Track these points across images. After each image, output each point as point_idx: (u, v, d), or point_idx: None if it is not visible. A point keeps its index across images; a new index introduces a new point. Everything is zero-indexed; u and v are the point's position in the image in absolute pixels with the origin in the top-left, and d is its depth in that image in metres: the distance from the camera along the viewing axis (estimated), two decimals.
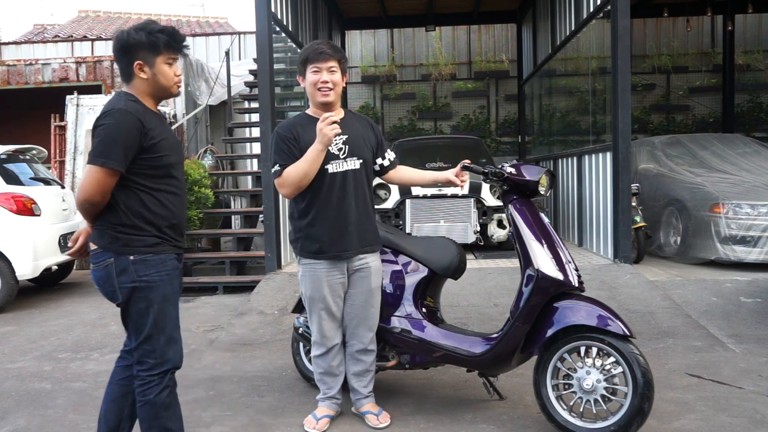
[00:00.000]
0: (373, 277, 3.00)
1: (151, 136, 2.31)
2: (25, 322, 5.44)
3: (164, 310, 2.37)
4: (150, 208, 2.34)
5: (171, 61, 2.39)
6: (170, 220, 2.39)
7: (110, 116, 2.26)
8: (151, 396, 2.36)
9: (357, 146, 2.95)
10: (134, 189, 2.32)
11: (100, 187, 2.24)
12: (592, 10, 6.75)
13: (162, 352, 2.37)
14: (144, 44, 2.33)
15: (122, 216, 2.32)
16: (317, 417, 3.02)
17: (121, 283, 2.32)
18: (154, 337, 2.36)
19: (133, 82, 2.39)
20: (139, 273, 2.32)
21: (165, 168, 2.37)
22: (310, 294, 2.97)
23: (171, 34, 2.37)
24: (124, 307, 2.38)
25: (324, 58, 2.87)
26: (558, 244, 2.86)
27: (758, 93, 11.70)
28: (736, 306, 4.83)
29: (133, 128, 2.26)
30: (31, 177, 6.58)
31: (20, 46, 12.12)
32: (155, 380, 2.37)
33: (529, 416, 3.07)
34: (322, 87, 2.88)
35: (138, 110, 2.31)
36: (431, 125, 12.48)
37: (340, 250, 2.90)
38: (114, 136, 2.24)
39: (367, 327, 3.04)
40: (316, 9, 8.93)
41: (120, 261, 2.32)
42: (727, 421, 2.98)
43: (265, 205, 6.03)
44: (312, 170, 2.82)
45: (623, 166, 5.68)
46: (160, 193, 2.36)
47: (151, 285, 2.33)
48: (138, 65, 2.35)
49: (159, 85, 2.39)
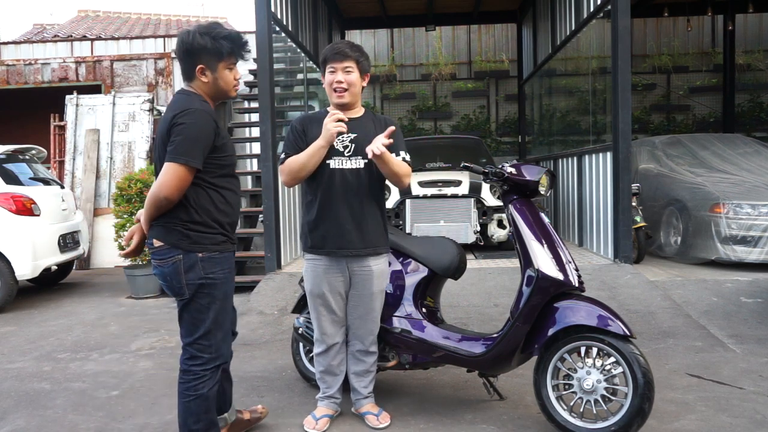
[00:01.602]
0: (375, 280, 2.97)
1: (221, 135, 2.43)
2: (24, 322, 5.44)
3: (224, 307, 2.48)
4: (218, 206, 2.45)
5: (232, 66, 2.48)
6: (232, 217, 2.52)
7: (189, 115, 2.33)
8: (204, 390, 2.44)
9: (364, 146, 2.92)
10: (204, 187, 2.42)
11: (181, 184, 2.32)
12: (592, 9, 6.74)
13: (218, 347, 2.47)
14: (208, 49, 2.40)
15: (193, 213, 2.40)
16: (316, 417, 3.02)
17: (188, 279, 2.40)
18: (213, 332, 2.45)
19: (196, 84, 2.48)
20: (206, 270, 2.40)
21: (229, 167, 2.50)
22: (310, 289, 3.00)
23: (235, 40, 2.45)
24: (186, 302, 2.44)
25: (339, 58, 2.87)
26: (558, 244, 2.86)
27: (758, 93, 11.70)
28: (737, 306, 4.82)
29: (209, 128, 2.37)
30: (30, 177, 6.57)
31: (20, 46, 12.10)
32: (208, 375, 2.45)
33: (529, 416, 3.06)
34: (336, 87, 2.89)
35: (210, 111, 2.43)
36: (431, 125, 12.48)
37: (336, 247, 2.90)
38: (196, 135, 2.32)
39: (368, 330, 3.03)
40: (316, 9, 8.93)
41: (189, 258, 2.39)
42: (728, 421, 2.97)
43: (265, 205, 6.02)
44: (310, 163, 2.84)
45: (623, 166, 5.68)
46: (225, 191, 2.48)
47: (216, 282, 2.43)
48: (200, 69, 2.43)
49: (219, 89, 2.49)
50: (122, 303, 6.04)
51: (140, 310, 5.73)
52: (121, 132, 8.80)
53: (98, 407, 3.40)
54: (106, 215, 8.30)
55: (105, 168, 8.70)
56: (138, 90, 9.39)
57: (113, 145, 8.72)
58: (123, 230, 6.36)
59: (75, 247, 6.73)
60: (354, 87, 2.91)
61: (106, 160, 8.72)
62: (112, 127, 8.82)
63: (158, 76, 9.42)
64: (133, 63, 9.53)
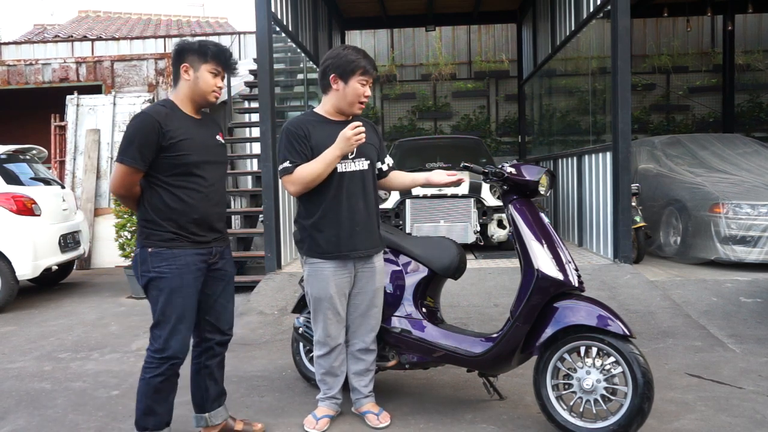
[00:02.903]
0: (378, 276, 3.02)
1: (170, 136, 2.54)
2: (25, 322, 5.44)
3: (171, 301, 2.58)
4: (170, 205, 2.58)
5: (215, 71, 2.65)
6: (191, 215, 2.61)
7: (134, 118, 2.57)
8: (147, 375, 2.60)
9: (365, 148, 2.95)
10: (155, 186, 2.59)
11: (121, 181, 2.56)
12: (592, 10, 6.75)
13: (165, 339, 2.58)
14: (194, 50, 2.63)
15: (144, 212, 2.62)
16: (317, 417, 3.02)
17: (142, 272, 2.61)
18: (161, 324, 2.59)
19: (179, 86, 2.67)
20: (153, 264, 2.58)
21: (185, 166, 2.58)
22: (316, 294, 2.95)
23: (222, 49, 2.67)
24: (145, 293, 2.65)
25: (372, 74, 2.93)
26: (558, 244, 2.86)
27: (758, 93, 11.70)
28: (736, 306, 4.83)
29: (148, 128, 2.52)
30: (31, 177, 6.58)
31: (20, 46, 12.12)
32: (155, 363, 2.60)
33: (529, 416, 3.07)
34: (364, 101, 2.95)
35: (160, 113, 2.56)
36: (431, 125, 12.48)
37: (348, 249, 2.90)
38: (131, 136, 2.53)
39: (370, 327, 3.04)
40: (316, 9, 8.93)
41: (142, 252, 2.61)
42: (727, 421, 2.98)
43: (265, 205, 6.03)
44: (326, 173, 2.84)
45: (623, 166, 5.68)
46: (180, 189, 2.59)
47: (163, 277, 2.57)
48: (184, 67, 2.63)
49: (198, 89, 2.64)
50: (122, 303, 6.05)
51: (140, 310, 5.74)
52: (121, 132, 8.74)
53: (99, 407, 3.41)
54: (106, 215, 8.31)
55: (105, 168, 8.70)
56: (138, 90, 9.40)
57: (114, 145, 8.71)
58: (123, 230, 6.36)
59: (75, 247, 6.74)
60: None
61: (106, 160, 8.72)
62: (112, 127, 8.83)
63: (158, 77, 9.42)
64: (134, 63, 9.53)
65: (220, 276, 2.78)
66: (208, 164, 2.67)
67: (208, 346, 2.82)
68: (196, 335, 2.80)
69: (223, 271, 2.79)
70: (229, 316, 2.86)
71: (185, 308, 2.60)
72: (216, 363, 2.86)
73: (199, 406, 2.88)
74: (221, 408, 2.91)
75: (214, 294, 2.77)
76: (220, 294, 2.79)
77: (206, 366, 2.83)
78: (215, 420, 2.88)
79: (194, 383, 2.87)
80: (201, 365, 2.84)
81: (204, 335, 2.80)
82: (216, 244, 2.73)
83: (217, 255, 2.75)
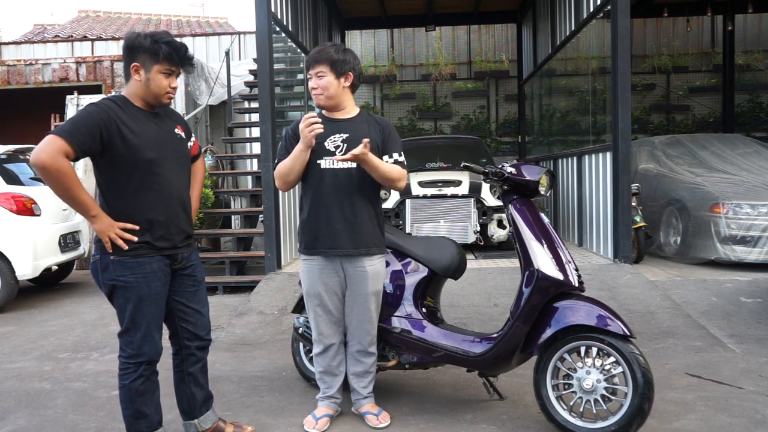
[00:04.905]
0: (370, 281, 2.95)
1: (118, 129, 2.41)
2: (25, 322, 5.44)
3: (140, 309, 2.50)
4: (129, 207, 2.47)
5: (168, 72, 2.50)
6: (153, 217, 2.49)
7: (81, 109, 2.46)
8: (127, 381, 2.55)
9: (356, 145, 2.92)
10: (114, 190, 2.49)
11: (45, 147, 2.31)
12: (592, 10, 6.74)
13: (138, 345, 2.53)
14: (145, 49, 2.46)
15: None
16: (317, 417, 3.02)
17: (104, 279, 2.51)
18: (132, 331, 2.52)
19: (130, 83, 2.53)
20: (117, 273, 2.47)
21: (142, 164, 2.46)
22: (306, 289, 3.02)
23: (176, 48, 2.48)
24: (109, 299, 2.56)
25: (310, 64, 2.93)
26: (558, 244, 2.86)
27: (758, 93, 11.70)
28: (737, 306, 4.83)
29: (96, 115, 2.39)
30: (31, 177, 6.58)
31: (20, 46, 12.11)
32: (131, 368, 2.54)
33: (529, 416, 3.06)
34: (312, 92, 2.96)
35: (110, 107, 2.44)
36: (431, 125, 12.48)
37: (327, 247, 2.91)
38: (76, 118, 2.39)
39: (365, 330, 3.02)
40: (316, 9, 8.93)
41: (103, 259, 2.50)
42: (727, 421, 2.98)
43: (265, 205, 6.03)
44: (295, 167, 2.87)
45: (623, 166, 5.69)
46: (139, 191, 2.48)
47: (128, 285, 2.48)
48: (134, 67, 2.49)
49: (150, 91, 2.51)
50: None
51: None
52: None
53: (99, 407, 3.41)
54: None
55: None
56: None
57: None
58: None
59: (75, 247, 6.74)
60: (328, 90, 2.90)
61: None
62: None
63: None
64: None
65: (191, 283, 2.69)
66: (167, 160, 2.53)
67: (188, 353, 2.75)
68: (175, 343, 2.75)
69: (193, 277, 2.70)
70: (205, 322, 2.77)
71: (155, 314, 2.54)
72: (199, 368, 2.79)
73: (187, 413, 2.81)
74: (210, 412, 2.86)
75: (188, 301, 2.69)
76: (193, 300, 2.70)
77: (190, 373, 2.76)
78: (205, 425, 2.82)
79: (179, 391, 2.81)
80: (184, 373, 2.77)
81: (183, 343, 2.73)
82: (182, 250, 2.62)
83: (184, 261, 2.64)
